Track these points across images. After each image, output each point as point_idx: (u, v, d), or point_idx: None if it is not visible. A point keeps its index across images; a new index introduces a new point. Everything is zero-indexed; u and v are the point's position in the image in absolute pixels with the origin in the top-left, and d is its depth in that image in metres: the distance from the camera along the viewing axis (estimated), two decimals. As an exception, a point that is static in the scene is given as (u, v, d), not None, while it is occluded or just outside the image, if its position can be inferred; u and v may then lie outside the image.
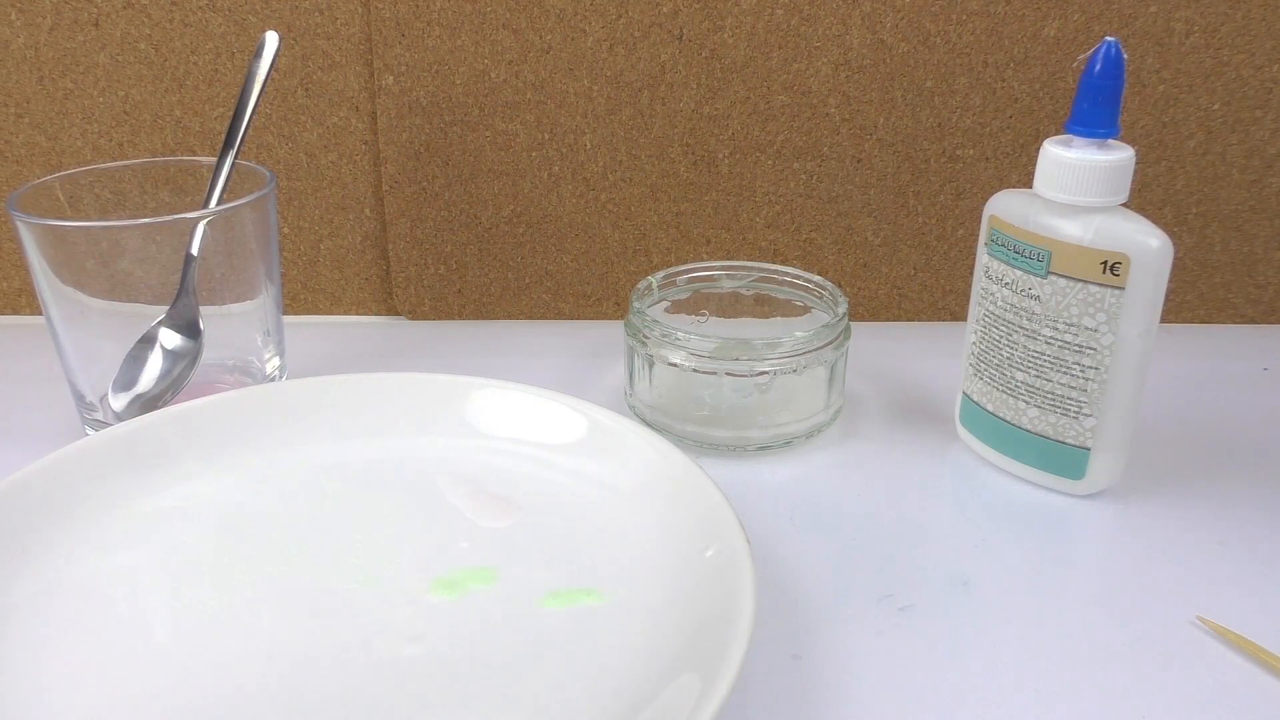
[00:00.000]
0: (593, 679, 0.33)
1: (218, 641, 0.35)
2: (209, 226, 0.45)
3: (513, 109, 0.58)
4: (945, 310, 0.63)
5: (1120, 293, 0.41)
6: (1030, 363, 0.44)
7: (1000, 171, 0.59)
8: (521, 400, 0.46)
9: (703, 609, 0.34)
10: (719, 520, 0.37)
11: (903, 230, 0.61)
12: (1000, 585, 0.40)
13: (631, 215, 0.61)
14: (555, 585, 0.37)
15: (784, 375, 0.47)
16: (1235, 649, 0.37)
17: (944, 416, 0.51)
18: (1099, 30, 0.55)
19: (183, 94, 0.58)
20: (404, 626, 0.35)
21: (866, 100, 0.58)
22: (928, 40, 0.56)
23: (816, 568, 0.41)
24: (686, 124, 0.58)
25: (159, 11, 0.56)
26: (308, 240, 0.61)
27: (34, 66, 0.57)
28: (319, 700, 0.32)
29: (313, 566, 0.38)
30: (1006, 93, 0.57)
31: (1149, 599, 0.39)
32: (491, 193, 0.60)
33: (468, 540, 0.40)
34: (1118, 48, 0.39)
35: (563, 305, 0.63)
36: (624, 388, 0.52)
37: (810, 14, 0.56)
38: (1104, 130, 0.40)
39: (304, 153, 0.59)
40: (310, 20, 0.56)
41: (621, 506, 0.41)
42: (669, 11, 0.56)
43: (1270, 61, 0.56)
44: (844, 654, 0.36)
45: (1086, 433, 0.43)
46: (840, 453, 0.49)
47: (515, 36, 0.56)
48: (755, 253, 0.62)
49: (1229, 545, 0.42)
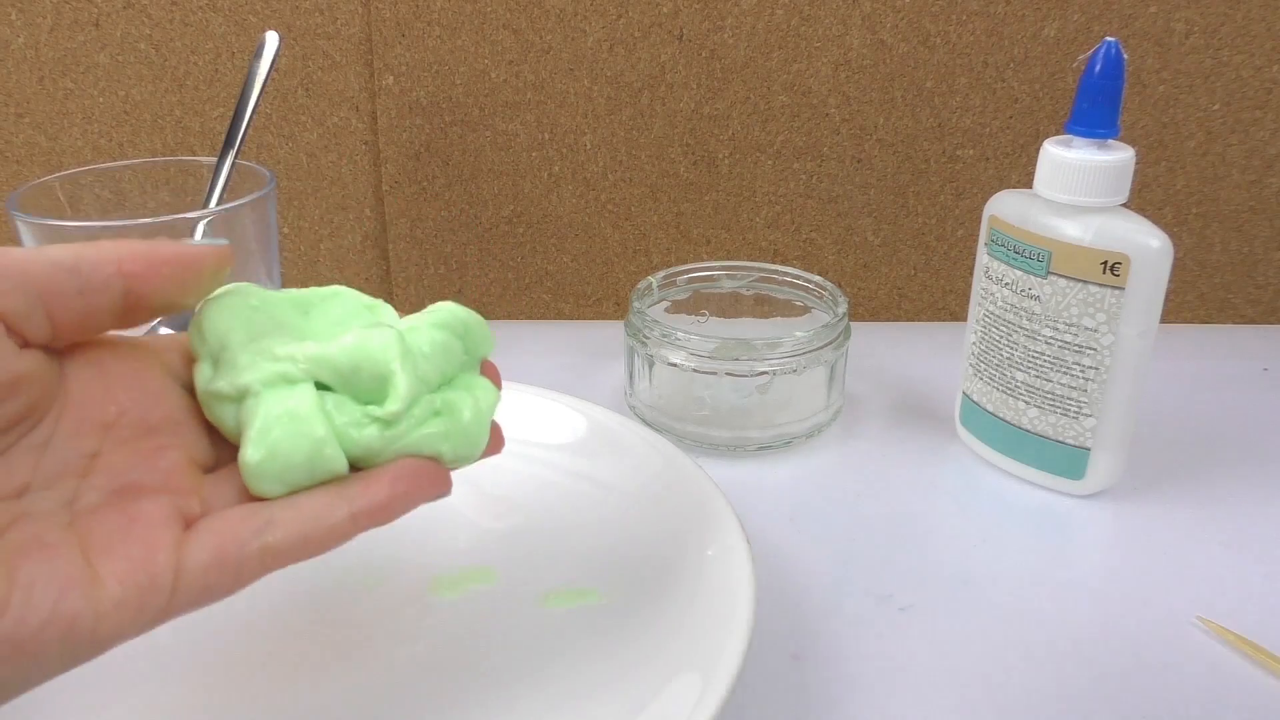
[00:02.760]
0: (593, 679, 0.33)
1: (217, 642, 0.35)
2: (209, 226, 0.45)
3: (513, 109, 0.58)
4: (945, 310, 0.63)
5: (1120, 293, 0.41)
6: (1030, 363, 0.44)
7: (1000, 171, 0.59)
8: (521, 400, 0.46)
9: (703, 609, 0.34)
10: (719, 520, 0.37)
11: (903, 230, 0.61)
12: (1000, 585, 0.40)
13: (631, 215, 0.61)
14: (555, 585, 0.37)
15: (784, 375, 0.47)
16: (1235, 649, 0.37)
17: (944, 416, 0.51)
18: (1099, 30, 0.55)
19: (183, 94, 0.58)
20: (404, 626, 0.35)
21: (866, 100, 0.58)
22: (928, 40, 0.56)
23: (816, 568, 0.41)
24: (686, 124, 0.58)
25: (159, 11, 0.56)
26: (308, 240, 0.61)
27: (34, 66, 0.57)
28: (319, 700, 0.32)
29: (312, 566, 0.38)
30: (1006, 93, 0.57)
31: (1149, 599, 0.39)
32: (491, 193, 0.60)
33: (468, 540, 0.40)
34: (1118, 48, 0.39)
35: (563, 305, 0.63)
36: (624, 388, 0.52)
37: (810, 14, 0.56)
38: (1104, 130, 0.40)
39: (304, 153, 0.59)
40: (310, 20, 0.56)
41: (621, 506, 0.41)
42: (669, 11, 0.56)
43: (1270, 61, 0.56)
44: (844, 654, 0.36)
45: (1086, 433, 0.43)
46: (840, 453, 0.49)
47: (515, 36, 0.56)
48: (755, 253, 0.62)
49: (1229, 545, 0.42)
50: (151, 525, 0.23)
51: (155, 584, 0.22)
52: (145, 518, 0.23)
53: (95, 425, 0.24)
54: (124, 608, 0.22)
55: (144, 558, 0.22)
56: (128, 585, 0.22)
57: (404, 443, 0.26)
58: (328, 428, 0.25)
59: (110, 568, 0.22)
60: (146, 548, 0.23)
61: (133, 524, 0.23)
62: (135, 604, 0.22)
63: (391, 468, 0.26)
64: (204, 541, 0.23)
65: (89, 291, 0.23)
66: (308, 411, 0.25)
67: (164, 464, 0.25)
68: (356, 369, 0.26)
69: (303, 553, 0.25)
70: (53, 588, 0.21)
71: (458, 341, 0.29)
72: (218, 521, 0.24)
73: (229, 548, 0.24)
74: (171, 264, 0.24)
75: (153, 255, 0.24)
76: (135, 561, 0.22)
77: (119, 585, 0.22)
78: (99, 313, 0.23)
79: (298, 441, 0.25)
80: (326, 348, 0.26)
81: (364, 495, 0.25)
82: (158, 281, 0.24)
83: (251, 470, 0.25)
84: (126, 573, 0.22)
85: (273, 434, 0.25)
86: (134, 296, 0.24)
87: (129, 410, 0.25)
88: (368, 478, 0.26)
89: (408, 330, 0.28)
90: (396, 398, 0.26)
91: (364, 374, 0.26)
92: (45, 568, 0.21)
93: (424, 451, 0.27)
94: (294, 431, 0.25)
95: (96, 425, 0.24)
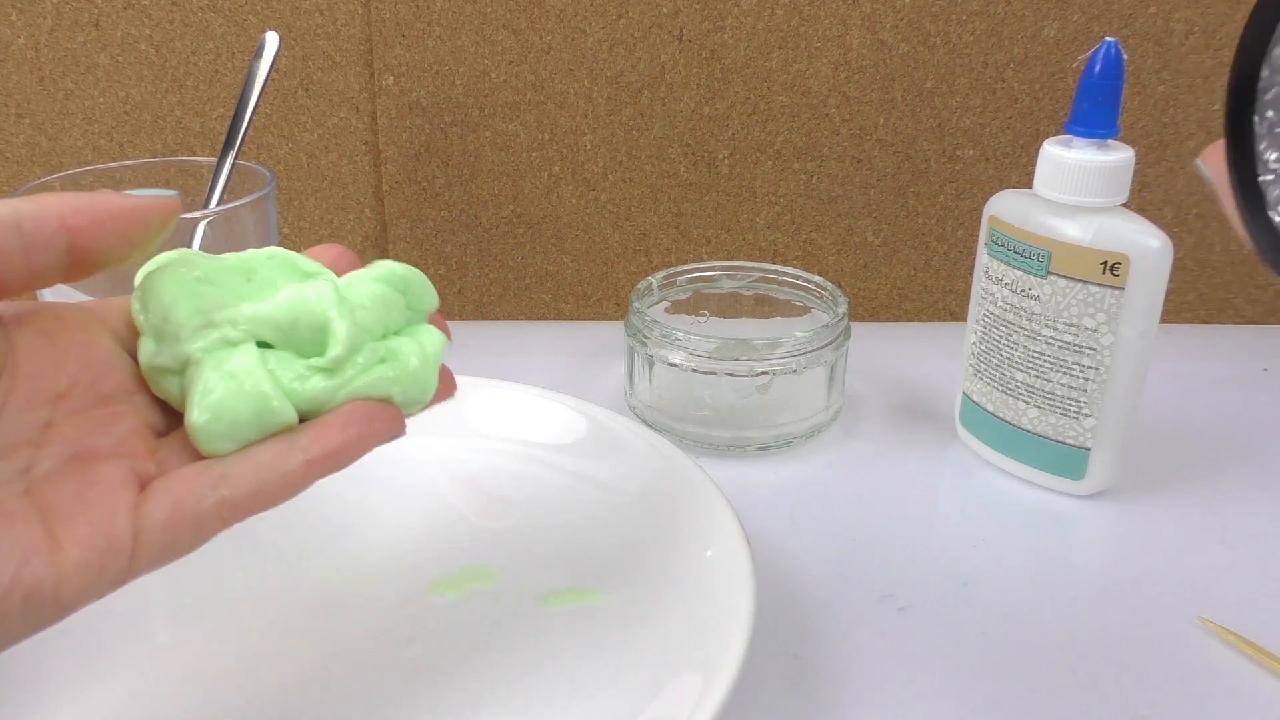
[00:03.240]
0: (593, 679, 0.33)
1: (217, 642, 0.35)
2: (209, 226, 0.45)
3: (513, 109, 0.58)
4: (945, 310, 0.63)
5: (1120, 293, 0.41)
6: (1030, 363, 0.44)
7: (1000, 171, 0.59)
8: (521, 400, 0.46)
9: (703, 609, 0.34)
10: (719, 520, 0.37)
11: (903, 230, 0.61)
12: (1000, 585, 0.40)
13: (631, 215, 0.61)
14: (555, 585, 0.37)
15: (784, 375, 0.47)
16: (1235, 649, 0.36)
17: (944, 416, 0.51)
18: (1099, 30, 0.55)
19: (183, 94, 0.58)
20: (404, 627, 0.35)
21: (866, 100, 0.58)
22: (928, 40, 0.56)
23: (816, 568, 0.41)
24: (686, 124, 0.58)
25: (159, 11, 0.56)
26: (308, 240, 0.61)
27: (34, 66, 0.57)
28: (319, 700, 0.32)
29: (313, 567, 0.38)
30: (1006, 93, 0.57)
31: (1149, 599, 0.39)
32: (491, 193, 0.60)
33: (468, 540, 0.40)
34: (1118, 48, 0.39)
35: (563, 305, 0.63)
36: (624, 388, 0.52)
37: (810, 14, 0.56)
38: (1104, 130, 0.40)
39: (304, 153, 0.59)
40: (310, 20, 0.56)
41: (621, 506, 0.41)
42: (669, 11, 0.56)
43: (1270, 61, 0.56)
44: (844, 654, 0.36)
45: (1086, 433, 0.43)
46: (840, 453, 0.49)
47: (515, 37, 0.56)
48: (755, 253, 0.62)
49: (1230, 545, 0.42)
50: (109, 489, 0.23)
51: (115, 546, 0.22)
52: (102, 481, 0.23)
53: (47, 396, 0.24)
54: (85, 571, 0.22)
55: (102, 520, 0.22)
56: (88, 549, 0.22)
57: (350, 389, 0.26)
58: (272, 383, 0.25)
59: (69, 533, 0.22)
60: (104, 510, 0.23)
61: (90, 488, 0.23)
62: (96, 566, 0.22)
63: (343, 411, 0.26)
64: (160, 500, 0.23)
65: (32, 250, 0.22)
66: (250, 368, 0.25)
67: (117, 430, 0.25)
68: (295, 322, 0.26)
69: (260, 504, 0.25)
70: (13, 556, 0.21)
71: (398, 296, 0.29)
72: (173, 480, 0.24)
73: (185, 504, 0.23)
74: (117, 217, 0.24)
75: (97, 209, 0.23)
76: (94, 525, 0.22)
77: (79, 549, 0.22)
78: (44, 270, 0.23)
79: (243, 400, 0.25)
80: (262, 306, 0.26)
81: (317, 442, 0.25)
82: (103, 236, 0.23)
83: (198, 431, 0.25)
84: (86, 537, 0.22)
85: (215, 394, 0.25)
86: (79, 252, 0.23)
87: (79, 380, 0.24)
88: (319, 424, 0.26)
89: (345, 286, 0.28)
90: (336, 343, 0.26)
91: (302, 326, 0.26)
92: (5, 535, 0.21)
93: (373, 396, 0.27)
94: (237, 390, 0.25)
95: (48, 396, 0.24)
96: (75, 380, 0.24)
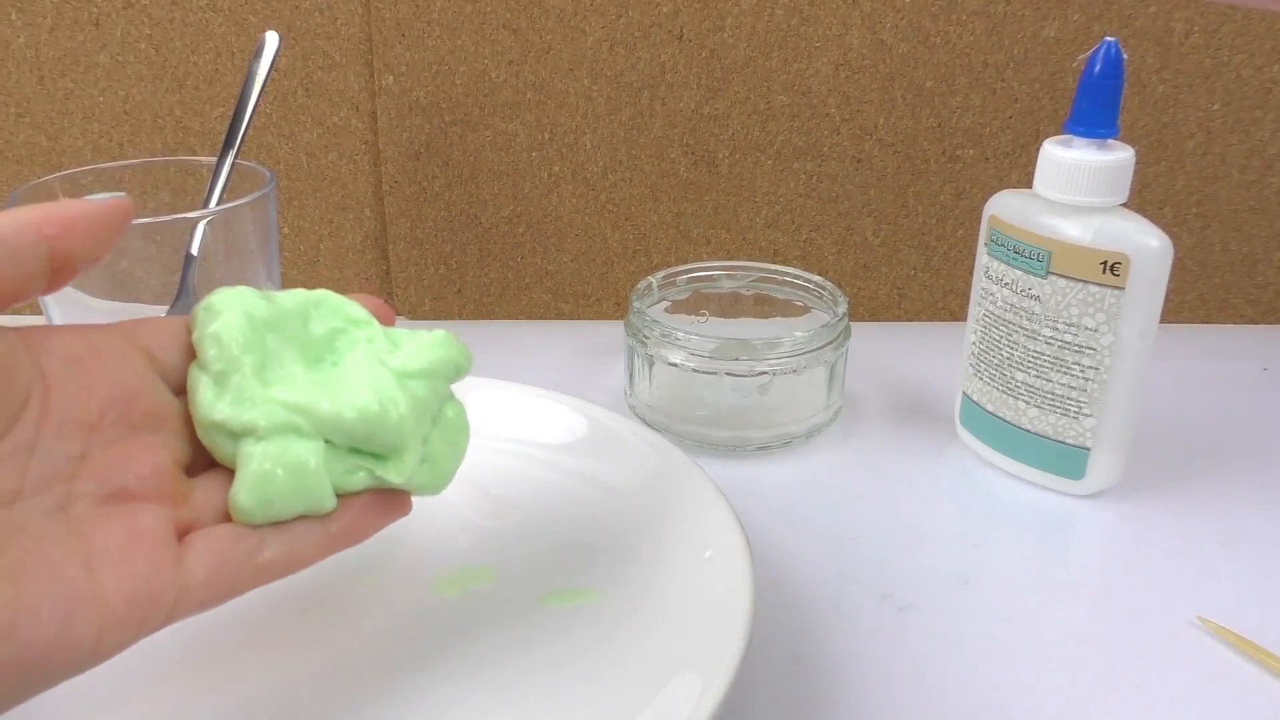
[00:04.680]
0: (592, 679, 0.33)
1: (216, 642, 0.35)
2: (209, 226, 0.45)
3: (513, 109, 0.58)
4: (945, 310, 0.63)
5: (1120, 293, 0.41)
6: (1030, 363, 0.44)
7: (1000, 171, 0.59)
8: (521, 400, 0.46)
9: (702, 609, 0.34)
10: (719, 520, 0.37)
11: (903, 230, 0.61)
12: (1000, 585, 0.40)
13: (631, 215, 0.61)
14: (555, 585, 0.37)
15: (784, 375, 0.47)
16: (1235, 649, 0.37)
17: (944, 416, 0.51)
18: (1099, 30, 0.55)
19: (183, 94, 0.58)
20: (404, 626, 0.35)
21: (866, 100, 0.58)
22: (928, 40, 0.56)
23: (816, 568, 0.41)
24: (686, 124, 0.58)
25: (159, 11, 0.56)
26: (308, 240, 0.62)
27: (34, 66, 0.57)
28: (319, 700, 0.32)
29: (312, 566, 0.38)
30: (1006, 93, 0.57)
31: (1149, 599, 0.39)
32: (491, 193, 0.60)
33: (468, 540, 0.40)
34: (1118, 48, 0.39)
35: (563, 305, 0.63)
36: (624, 388, 0.52)
37: (810, 14, 0.56)
38: (1104, 130, 0.40)
39: (304, 153, 0.59)
40: (310, 20, 0.56)
41: (621, 506, 0.41)
42: (669, 11, 0.56)
43: (1270, 61, 0.56)
44: (844, 654, 0.36)
45: (1086, 433, 0.43)
46: (840, 453, 0.49)
47: (515, 36, 0.56)
48: (755, 253, 0.62)
49: (1229, 545, 0.42)
50: (154, 542, 0.24)
51: (158, 601, 0.23)
52: (147, 533, 0.24)
53: (79, 426, 0.24)
54: (126, 625, 0.23)
55: (148, 575, 0.23)
56: (132, 604, 0.23)
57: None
58: (330, 484, 0.27)
59: (116, 587, 0.23)
60: (150, 565, 0.23)
61: (135, 539, 0.24)
62: (137, 620, 0.23)
63: (363, 497, 0.28)
64: (202, 560, 0.25)
65: (19, 260, 0.23)
66: (316, 471, 0.26)
67: (150, 467, 0.25)
68: (370, 437, 0.27)
69: (288, 570, 0.27)
70: (60, 609, 0.21)
71: (447, 384, 0.30)
72: (213, 541, 0.25)
73: (226, 568, 0.25)
74: (82, 221, 0.25)
75: (65, 215, 0.24)
76: (139, 580, 0.23)
77: (124, 604, 0.23)
78: (30, 279, 0.24)
79: (299, 496, 0.26)
80: (343, 412, 0.27)
81: (340, 519, 0.28)
82: (77, 240, 0.25)
83: (243, 513, 0.26)
84: (131, 591, 0.23)
85: (273, 486, 0.26)
86: (59, 258, 0.24)
87: (110, 408, 0.25)
88: (344, 506, 0.28)
89: (409, 379, 0.29)
90: (401, 472, 0.28)
91: (375, 442, 0.28)
92: (53, 588, 0.21)
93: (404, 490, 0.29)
94: (297, 487, 0.26)
95: (80, 426, 0.24)
96: (106, 409, 0.25)
